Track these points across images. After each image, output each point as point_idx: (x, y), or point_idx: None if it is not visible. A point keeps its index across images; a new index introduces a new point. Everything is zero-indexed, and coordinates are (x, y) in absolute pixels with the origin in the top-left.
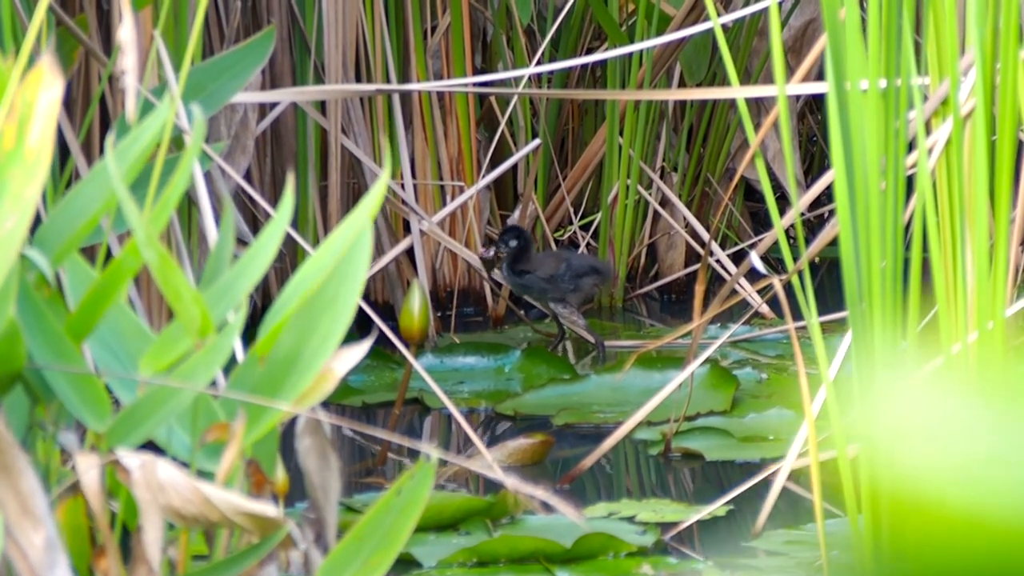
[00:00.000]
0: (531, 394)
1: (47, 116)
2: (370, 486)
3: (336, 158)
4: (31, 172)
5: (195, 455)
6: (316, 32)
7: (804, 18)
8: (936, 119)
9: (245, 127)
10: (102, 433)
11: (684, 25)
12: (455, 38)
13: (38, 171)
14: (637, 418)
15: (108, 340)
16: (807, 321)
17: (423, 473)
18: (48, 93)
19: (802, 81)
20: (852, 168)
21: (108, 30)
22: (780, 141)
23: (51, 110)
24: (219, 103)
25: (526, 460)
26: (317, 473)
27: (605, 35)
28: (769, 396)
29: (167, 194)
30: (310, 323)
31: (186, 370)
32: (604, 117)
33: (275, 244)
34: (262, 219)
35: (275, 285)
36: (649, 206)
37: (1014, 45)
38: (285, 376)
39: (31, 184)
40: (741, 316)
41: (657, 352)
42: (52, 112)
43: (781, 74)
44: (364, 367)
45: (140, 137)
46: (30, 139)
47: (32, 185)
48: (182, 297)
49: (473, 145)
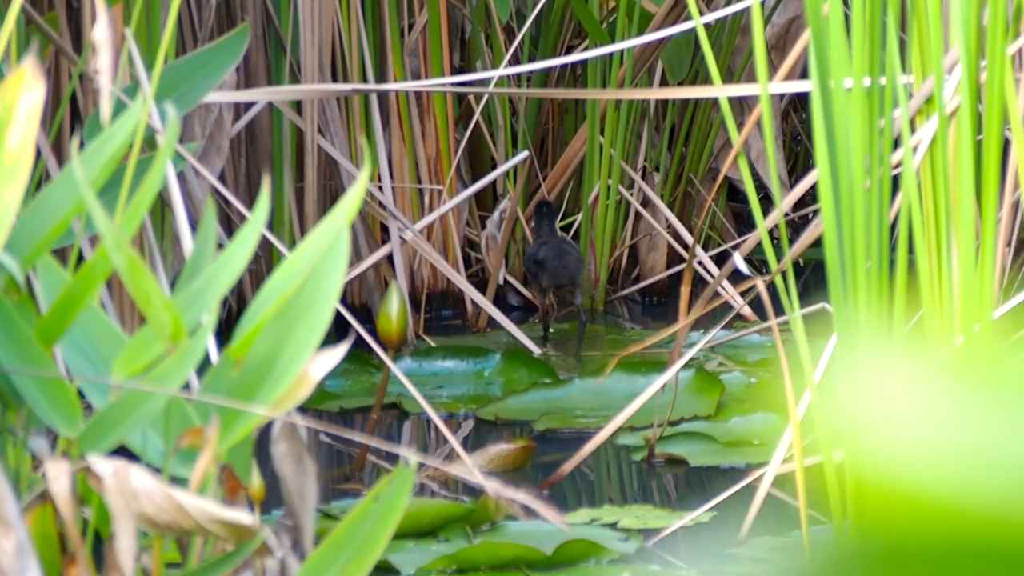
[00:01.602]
0: (513, 399)
1: (28, 120)
2: (348, 492)
3: (312, 158)
4: (11, 176)
5: (168, 461)
6: (291, 30)
7: (787, 15)
8: (921, 117)
9: (220, 127)
10: (73, 439)
11: (666, 23)
12: (433, 36)
13: (18, 175)
14: (618, 422)
15: (80, 344)
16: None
17: (402, 479)
18: (29, 96)
19: (785, 79)
20: (836, 167)
21: (79, 28)
22: (763, 140)
23: (32, 114)
24: (192, 102)
25: (507, 466)
26: (293, 479)
27: (585, 33)
28: (754, 400)
29: (139, 197)
30: (287, 327)
31: (159, 374)
32: (585, 116)
33: (250, 246)
34: (236, 220)
35: (250, 287)
36: (630, 207)
37: (1001, 42)
38: (261, 380)
39: (10, 188)
40: (724, 319)
41: (641, 356)
42: (34, 116)
43: (764, 72)
44: (341, 371)
45: (111, 139)
46: (10, 143)
47: (11, 189)
48: (152, 302)
49: (451, 145)
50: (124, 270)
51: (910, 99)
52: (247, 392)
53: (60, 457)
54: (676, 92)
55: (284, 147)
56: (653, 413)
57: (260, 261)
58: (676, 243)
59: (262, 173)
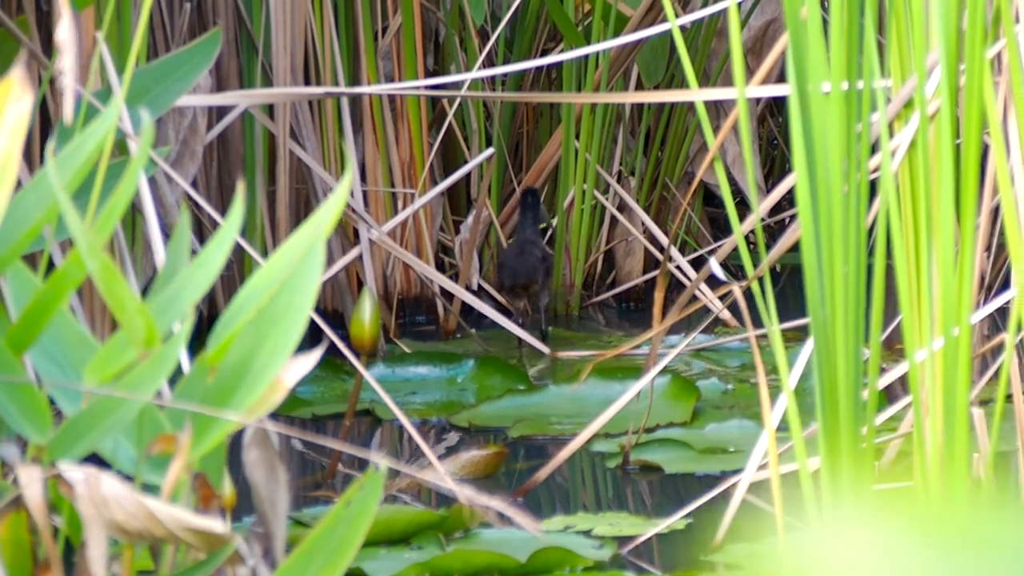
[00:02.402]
0: (487, 405)
1: (15, 129)
2: (320, 499)
3: (285, 163)
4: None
5: (140, 468)
6: (264, 34)
7: (764, 18)
8: (899, 122)
9: (194, 132)
10: (43, 446)
11: (641, 26)
12: (406, 39)
13: (4, 184)
14: (593, 429)
15: (51, 350)
16: (767, 329)
17: (372, 483)
18: (17, 106)
19: (762, 83)
20: (814, 172)
21: (48, 32)
22: (740, 144)
23: (19, 124)
24: (164, 106)
25: (479, 472)
26: (265, 486)
27: (560, 37)
28: (731, 407)
29: (112, 203)
30: (261, 333)
31: (131, 381)
32: (560, 120)
33: (224, 253)
34: (208, 226)
35: (222, 294)
36: (606, 211)
37: (980, 46)
38: (234, 388)
39: None
40: (702, 324)
41: (617, 361)
42: (20, 125)
43: (740, 76)
44: (313, 378)
45: (84, 143)
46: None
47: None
48: (126, 308)
49: (425, 149)
50: (98, 275)
51: (889, 103)
52: (221, 399)
53: (31, 464)
54: (652, 96)
55: (256, 152)
56: (628, 420)
57: (232, 267)
58: (652, 247)
59: (234, 178)
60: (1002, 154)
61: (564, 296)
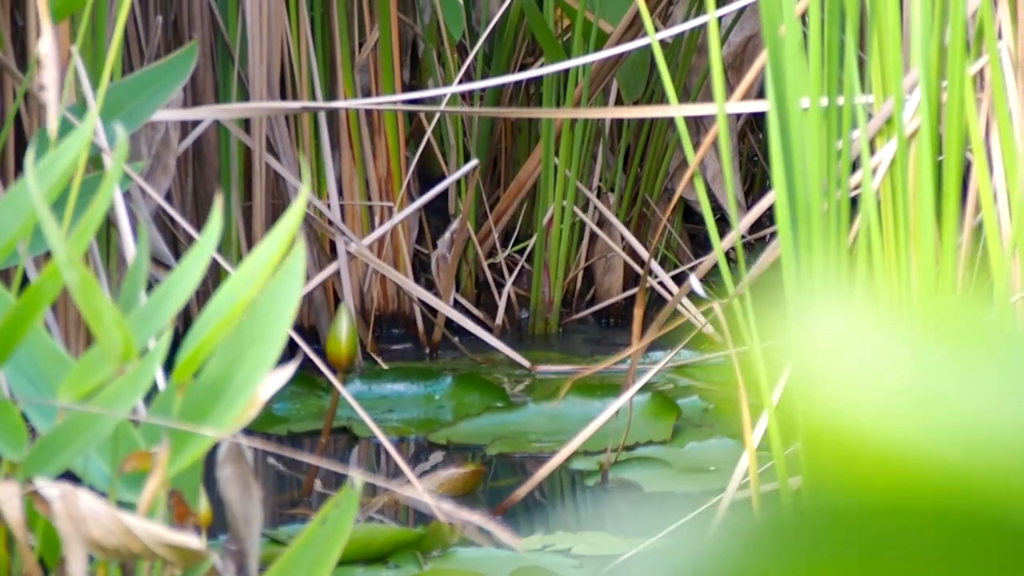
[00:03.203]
0: (465, 423)
1: None
2: (295, 517)
3: (261, 177)
4: None
5: (115, 485)
6: (240, 48)
7: (744, 34)
8: (881, 138)
9: (167, 146)
10: (18, 463)
11: (622, 41)
12: (384, 54)
13: None
14: (571, 447)
15: (25, 366)
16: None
17: (348, 501)
18: None
19: (742, 99)
20: (794, 188)
21: (23, 45)
22: (720, 161)
23: None
24: (139, 121)
25: (457, 490)
26: (239, 503)
27: (540, 52)
28: (712, 425)
29: (88, 217)
30: (239, 349)
31: (107, 397)
32: (539, 136)
33: (200, 268)
34: (184, 241)
35: (197, 309)
36: (585, 228)
37: (961, 63)
38: (212, 404)
39: None
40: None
41: (598, 379)
42: None
43: (720, 92)
44: (289, 394)
45: (59, 157)
46: None
47: None
48: (104, 321)
49: (403, 164)
50: (76, 287)
51: (870, 120)
52: (198, 415)
53: (6, 480)
54: (632, 112)
55: (232, 166)
56: (608, 437)
57: (207, 283)
58: (633, 262)
59: (209, 192)
60: (984, 172)
61: (543, 313)
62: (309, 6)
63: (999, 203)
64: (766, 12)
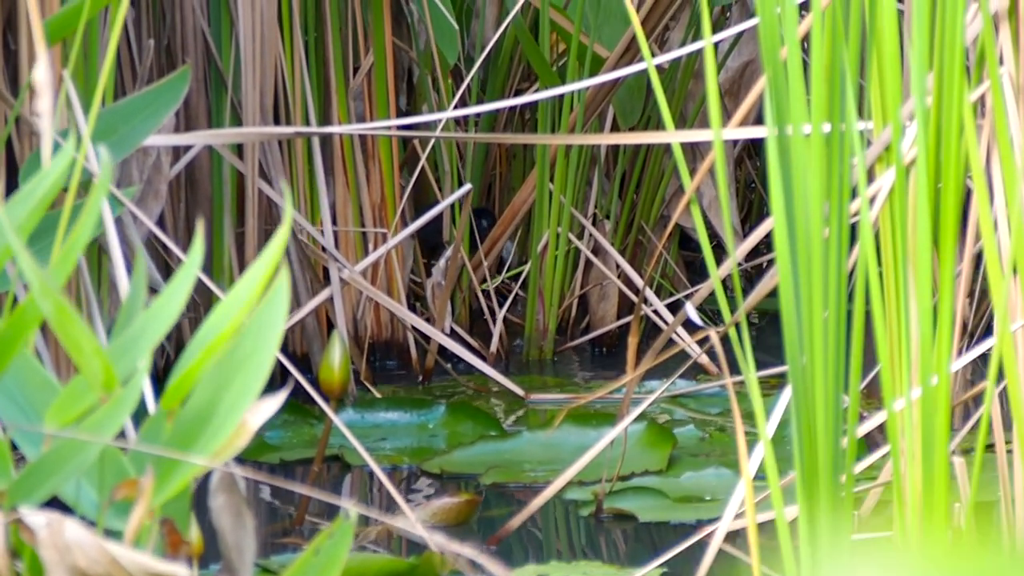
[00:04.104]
0: (459, 451)
1: None
2: (288, 546)
3: (253, 203)
4: None
5: (103, 513)
6: (233, 72)
7: (742, 59)
8: (881, 164)
9: (158, 171)
10: (4, 490)
11: (618, 67)
12: (378, 79)
13: None
14: (566, 477)
15: (12, 392)
16: (744, 376)
17: (341, 531)
18: None
19: (740, 125)
20: (793, 215)
21: (15, 70)
22: (716, 188)
23: None
24: (131, 146)
25: (450, 520)
26: (231, 532)
27: (535, 77)
28: (708, 455)
29: (71, 241)
30: (226, 376)
31: (91, 424)
32: (534, 162)
33: (185, 292)
34: (176, 267)
35: (189, 335)
36: (580, 255)
37: (959, 89)
38: (199, 431)
39: None
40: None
41: (592, 408)
42: None
43: (717, 118)
44: (281, 423)
45: (42, 182)
46: None
47: None
48: (83, 351)
49: (397, 191)
50: (52, 317)
51: (869, 146)
52: (185, 443)
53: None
54: (627, 138)
55: (224, 191)
56: (603, 467)
57: (199, 309)
58: (628, 290)
59: (202, 218)
60: (985, 199)
61: (537, 341)
62: (303, 30)
63: (999, 230)
64: (765, 37)
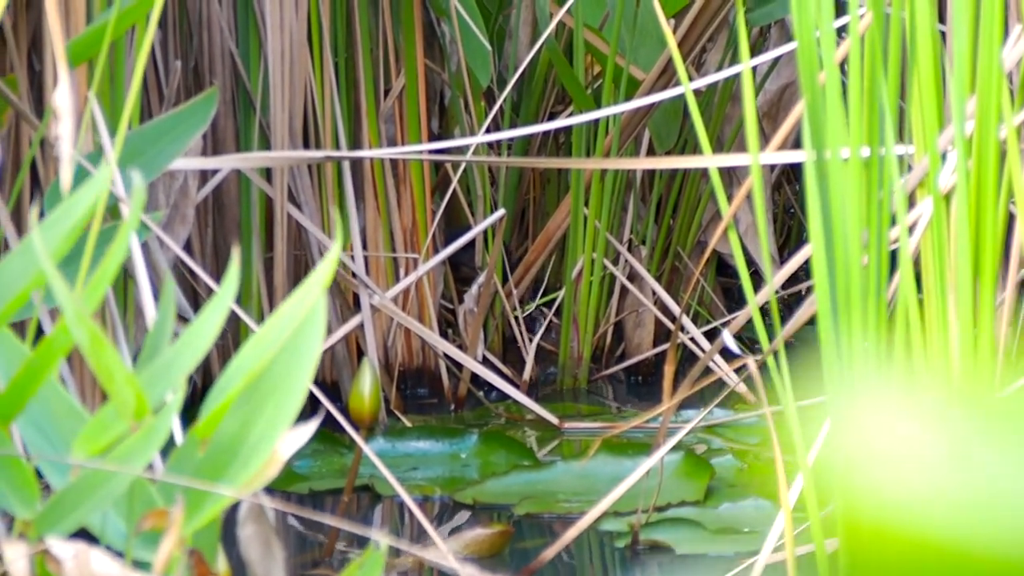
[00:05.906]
0: (492, 481)
1: None
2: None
3: (282, 228)
4: None
5: (131, 543)
6: (261, 94)
7: (780, 82)
8: (921, 190)
9: (185, 195)
10: (30, 520)
11: (654, 90)
12: (410, 102)
13: None
14: (601, 507)
15: (39, 421)
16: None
17: (372, 562)
18: None
19: (778, 149)
20: (831, 242)
21: (40, 91)
22: (754, 213)
23: None
24: (158, 169)
25: (483, 552)
26: (260, 564)
27: (569, 100)
28: (746, 485)
29: (102, 269)
30: (257, 405)
31: (121, 453)
32: (568, 187)
33: (218, 321)
34: (203, 293)
35: (217, 363)
36: (615, 281)
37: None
38: (229, 461)
39: None
40: (716, 398)
41: (628, 438)
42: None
43: (755, 142)
44: (311, 452)
45: (74, 207)
46: None
47: None
48: (115, 378)
49: (428, 216)
50: (85, 345)
51: (909, 171)
52: (214, 473)
53: (17, 539)
54: (664, 162)
55: (253, 216)
56: (639, 498)
57: (227, 336)
58: (664, 317)
59: (229, 243)
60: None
61: (572, 369)
62: (333, 52)
63: None
64: (804, 60)
